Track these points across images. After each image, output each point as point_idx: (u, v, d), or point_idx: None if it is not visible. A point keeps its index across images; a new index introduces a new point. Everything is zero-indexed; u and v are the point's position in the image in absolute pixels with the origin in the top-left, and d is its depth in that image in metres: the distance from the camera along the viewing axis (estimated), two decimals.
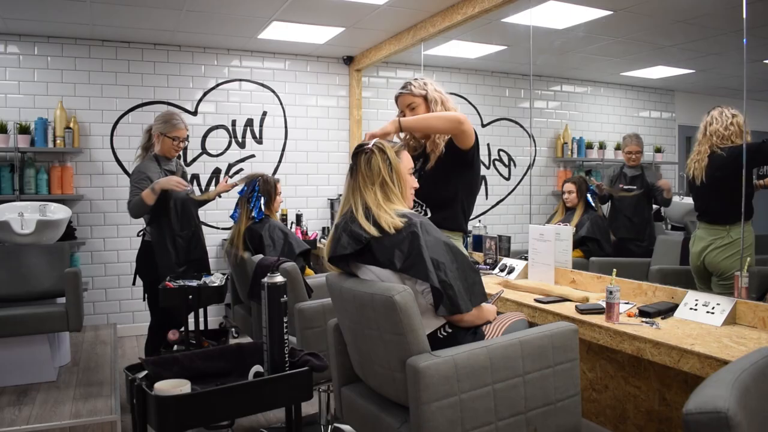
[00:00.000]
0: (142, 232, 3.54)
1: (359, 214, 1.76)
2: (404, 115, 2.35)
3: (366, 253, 1.75)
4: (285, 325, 1.79)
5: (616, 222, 3.77)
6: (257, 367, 1.80)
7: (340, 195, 3.29)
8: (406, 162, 1.89)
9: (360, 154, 1.85)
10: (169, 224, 3.30)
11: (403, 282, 1.70)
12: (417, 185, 1.97)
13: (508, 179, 5.63)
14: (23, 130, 4.33)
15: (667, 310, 2.25)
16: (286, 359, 1.80)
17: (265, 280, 1.79)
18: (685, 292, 2.30)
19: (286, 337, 1.80)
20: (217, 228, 5.12)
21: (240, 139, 5.21)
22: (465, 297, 1.71)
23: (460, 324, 1.77)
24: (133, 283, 3.63)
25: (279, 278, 1.81)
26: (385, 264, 1.72)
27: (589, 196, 3.78)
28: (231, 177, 5.14)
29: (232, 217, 3.62)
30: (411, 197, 1.92)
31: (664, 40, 4.21)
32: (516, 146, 5.61)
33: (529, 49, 3.58)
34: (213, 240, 5.06)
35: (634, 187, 3.76)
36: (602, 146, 4.88)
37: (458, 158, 2.30)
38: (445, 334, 1.76)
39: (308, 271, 3.48)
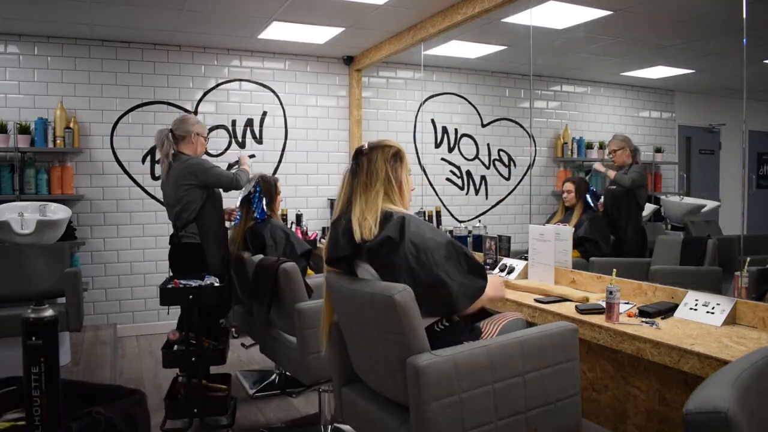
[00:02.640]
0: (178, 234, 3.35)
1: (355, 218, 1.77)
2: None
3: (363, 253, 1.76)
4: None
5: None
6: None
7: None
8: (406, 164, 1.92)
9: (361, 154, 1.85)
10: (218, 221, 3.35)
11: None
12: (414, 187, 1.99)
13: (508, 179, 5.63)
14: (23, 130, 4.33)
15: (667, 310, 2.25)
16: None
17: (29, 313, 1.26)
18: (685, 292, 2.30)
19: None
20: None
21: (240, 139, 5.21)
22: (460, 294, 1.71)
23: (462, 313, 1.78)
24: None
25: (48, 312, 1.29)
26: (379, 268, 1.74)
27: (588, 196, 3.77)
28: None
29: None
30: (409, 198, 1.93)
31: (664, 40, 4.20)
32: (516, 146, 5.61)
33: (529, 49, 3.58)
34: None
35: (614, 186, 3.78)
36: (602, 146, 4.88)
37: None
38: (442, 327, 1.78)
39: (308, 271, 3.48)
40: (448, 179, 5.53)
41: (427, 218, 4.35)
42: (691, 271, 3.11)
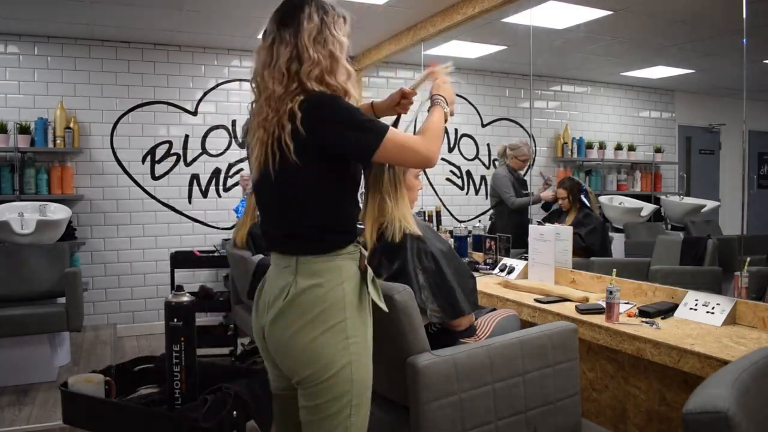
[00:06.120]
0: None
1: None
2: None
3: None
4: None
5: None
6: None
7: None
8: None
9: None
10: None
11: None
12: (421, 186, 1.91)
13: None
14: (23, 130, 4.33)
15: (667, 310, 2.25)
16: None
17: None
18: (685, 292, 2.30)
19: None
20: (217, 228, 5.11)
21: (240, 139, 5.20)
22: (465, 300, 1.70)
23: (458, 328, 1.76)
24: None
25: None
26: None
27: (582, 196, 3.77)
28: (230, 177, 5.13)
29: (235, 210, 3.59)
30: (414, 197, 1.87)
31: (664, 40, 4.20)
32: None
33: (529, 49, 3.57)
34: (213, 240, 5.06)
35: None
36: (602, 146, 4.88)
37: None
38: (435, 329, 1.77)
39: None
40: (448, 179, 5.53)
41: (426, 218, 4.34)
42: (691, 271, 3.11)
